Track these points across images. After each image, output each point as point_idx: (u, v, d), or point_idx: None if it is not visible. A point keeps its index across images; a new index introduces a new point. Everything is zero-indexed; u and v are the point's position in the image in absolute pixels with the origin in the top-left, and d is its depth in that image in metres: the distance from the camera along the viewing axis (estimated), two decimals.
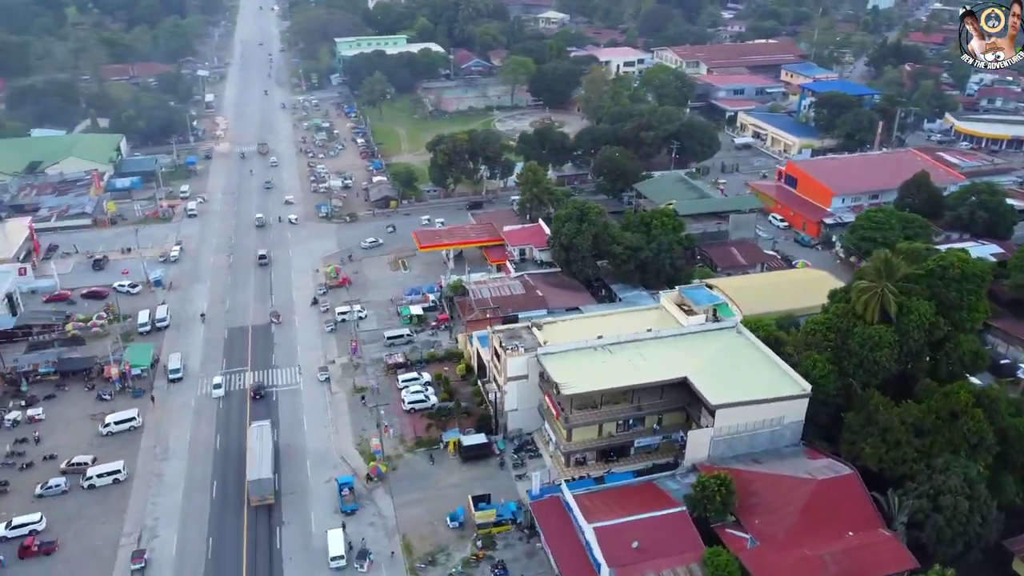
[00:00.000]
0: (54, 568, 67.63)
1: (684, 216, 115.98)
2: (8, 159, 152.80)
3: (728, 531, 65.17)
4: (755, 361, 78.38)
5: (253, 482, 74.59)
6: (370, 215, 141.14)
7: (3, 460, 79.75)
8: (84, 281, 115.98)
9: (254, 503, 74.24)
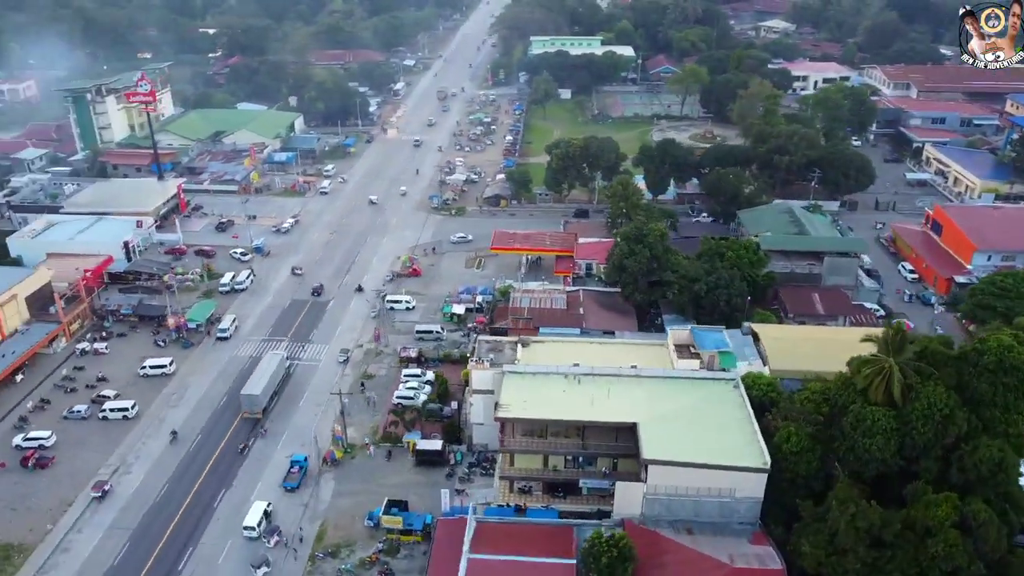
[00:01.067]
0: (38, 480, 77.72)
1: (771, 251, 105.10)
2: (201, 127, 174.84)
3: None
4: (729, 422, 69.40)
5: (245, 395, 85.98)
6: (477, 211, 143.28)
7: (56, 382, 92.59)
8: (206, 240, 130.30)
9: (245, 415, 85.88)
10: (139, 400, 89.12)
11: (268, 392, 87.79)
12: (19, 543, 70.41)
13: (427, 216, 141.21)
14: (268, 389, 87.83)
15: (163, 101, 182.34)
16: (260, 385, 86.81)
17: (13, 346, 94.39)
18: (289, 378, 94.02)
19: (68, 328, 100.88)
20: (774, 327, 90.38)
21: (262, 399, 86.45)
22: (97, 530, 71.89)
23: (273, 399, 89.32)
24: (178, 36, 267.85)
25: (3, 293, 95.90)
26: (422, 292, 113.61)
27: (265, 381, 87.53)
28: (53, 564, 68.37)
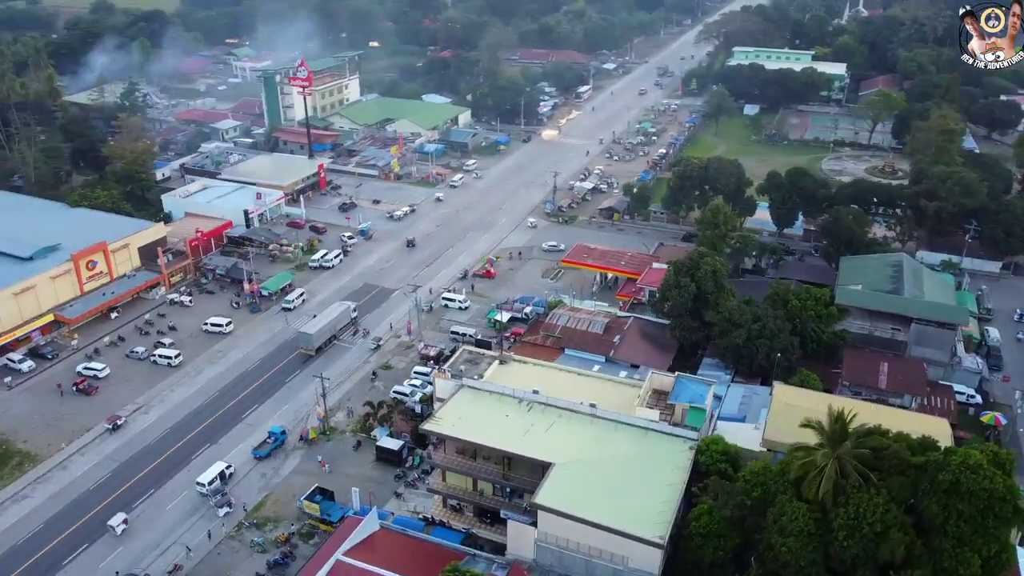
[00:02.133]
0: (78, 404, 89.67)
1: (849, 306, 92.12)
2: (373, 113, 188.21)
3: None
4: (658, 485, 62.60)
5: (301, 333, 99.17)
6: (585, 221, 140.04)
7: (138, 324, 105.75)
8: (329, 218, 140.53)
9: (300, 351, 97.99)
10: (191, 353, 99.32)
11: (324, 335, 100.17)
12: (35, 454, 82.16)
13: (537, 220, 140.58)
14: (324, 332, 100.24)
15: (350, 87, 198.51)
16: (317, 327, 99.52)
17: (115, 287, 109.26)
18: (354, 324, 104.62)
19: (169, 279, 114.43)
20: (800, 392, 79.17)
21: (316, 339, 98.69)
22: (95, 457, 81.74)
23: (331, 342, 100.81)
24: (406, 28, 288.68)
25: (118, 241, 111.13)
26: (486, 295, 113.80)
27: (323, 324, 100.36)
28: (47, 478, 78.97)
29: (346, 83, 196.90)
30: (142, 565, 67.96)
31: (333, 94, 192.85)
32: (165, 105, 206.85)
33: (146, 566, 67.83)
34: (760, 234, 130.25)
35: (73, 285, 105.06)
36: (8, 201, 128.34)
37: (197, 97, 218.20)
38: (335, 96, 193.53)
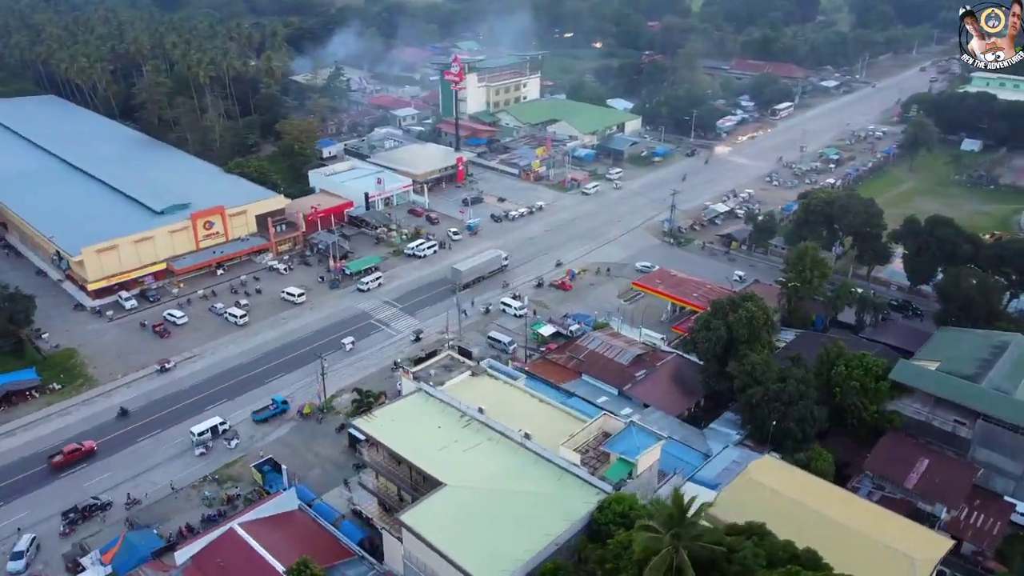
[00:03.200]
0: (151, 344, 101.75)
1: (907, 384, 77.96)
2: (539, 113, 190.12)
3: None
4: (533, 532, 58.10)
5: (452, 268, 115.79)
6: (699, 246, 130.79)
7: (233, 284, 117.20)
8: (452, 211, 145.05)
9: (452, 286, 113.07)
10: (259, 315, 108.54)
11: (472, 274, 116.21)
12: (96, 379, 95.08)
13: (650, 238, 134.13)
14: (472, 272, 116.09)
15: (528, 85, 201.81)
16: (468, 265, 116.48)
17: (227, 248, 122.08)
18: (503, 270, 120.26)
19: (276, 247, 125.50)
20: (783, 470, 68.87)
21: (465, 276, 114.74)
22: (135, 392, 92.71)
23: (478, 281, 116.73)
24: (627, 30, 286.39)
25: (238, 207, 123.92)
26: (552, 307, 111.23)
27: (473, 264, 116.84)
28: (91, 399, 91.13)
29: (525, 81, 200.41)
30: (112, 492, 76.22)
31: (510, 91, 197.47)
32: (368, 90, 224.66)
33: (112, 493, 75.98)
34: (889, 287, 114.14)
35: (189, 240, 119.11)
36: (173, 160, 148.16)
37: (408, 85, 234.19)
38: (511, 93, 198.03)
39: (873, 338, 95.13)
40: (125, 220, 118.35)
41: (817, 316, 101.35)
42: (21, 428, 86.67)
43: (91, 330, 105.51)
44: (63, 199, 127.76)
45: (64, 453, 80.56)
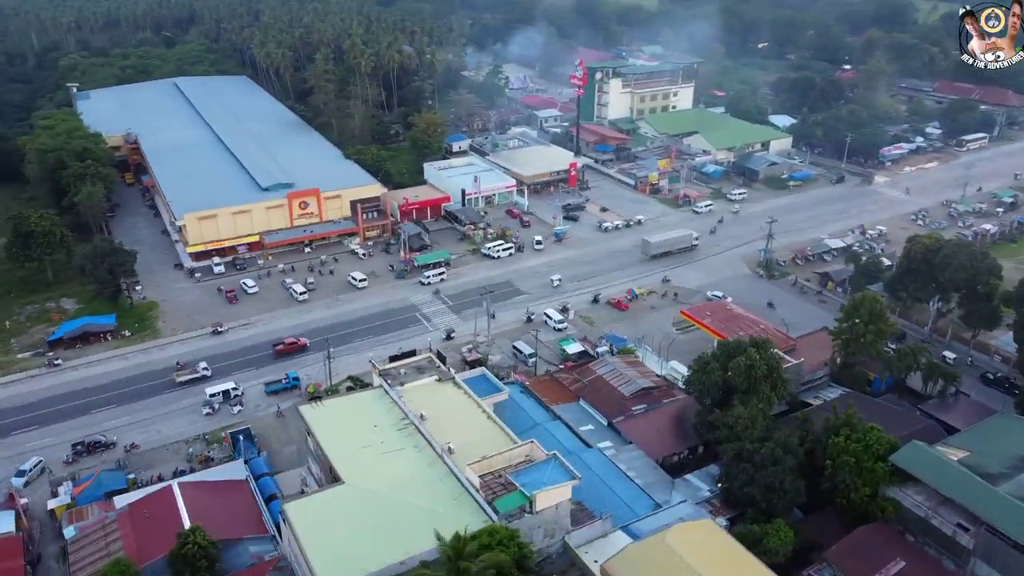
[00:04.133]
0: (219, 308, 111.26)
1: (908, 471, 66.74)
2: (678, 124, 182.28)
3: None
4: (390, 548, 57.19)
5: (643, 240, 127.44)
6: (792, 282, 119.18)
7: (312, 263, 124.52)
8: (548, 213, 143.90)
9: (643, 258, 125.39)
10: (320, 295, 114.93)
11: (661, 247, 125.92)
12: (160, 331, 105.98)
13: (741, 267, 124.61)
14: (661, 246, 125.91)
15: (679, 94, 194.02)
16: (657, 239, 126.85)
17: (318, 228, 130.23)
18: (692, 248, 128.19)
19: (364, 233, 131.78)
20: (707, 533, 61.39)
21: (653, 248, 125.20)
22: (187, 348, 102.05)
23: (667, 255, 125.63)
24: (828, 42, 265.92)
25: (333, 190, 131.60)
26: (599, 325, 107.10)
27: (663, 238, 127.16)
28: (148, 349, 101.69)
29: (675, 90, 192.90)
30: (122, 433, 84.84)
31: (657, 99, 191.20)
32: (529, 89, 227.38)
33: (123, 434, 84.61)
34: (992, 356, 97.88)
35: (284, 217, 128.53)
36: (306, 143, 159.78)
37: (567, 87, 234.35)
38: (659, 101, 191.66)
39: (932, 413, 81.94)
40: (233, 192, 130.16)
41: (876, 377, 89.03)
42: (84, 365, 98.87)
43: (178, 288, 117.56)
44: (197, 169, 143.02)
45: (285, 343, 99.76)
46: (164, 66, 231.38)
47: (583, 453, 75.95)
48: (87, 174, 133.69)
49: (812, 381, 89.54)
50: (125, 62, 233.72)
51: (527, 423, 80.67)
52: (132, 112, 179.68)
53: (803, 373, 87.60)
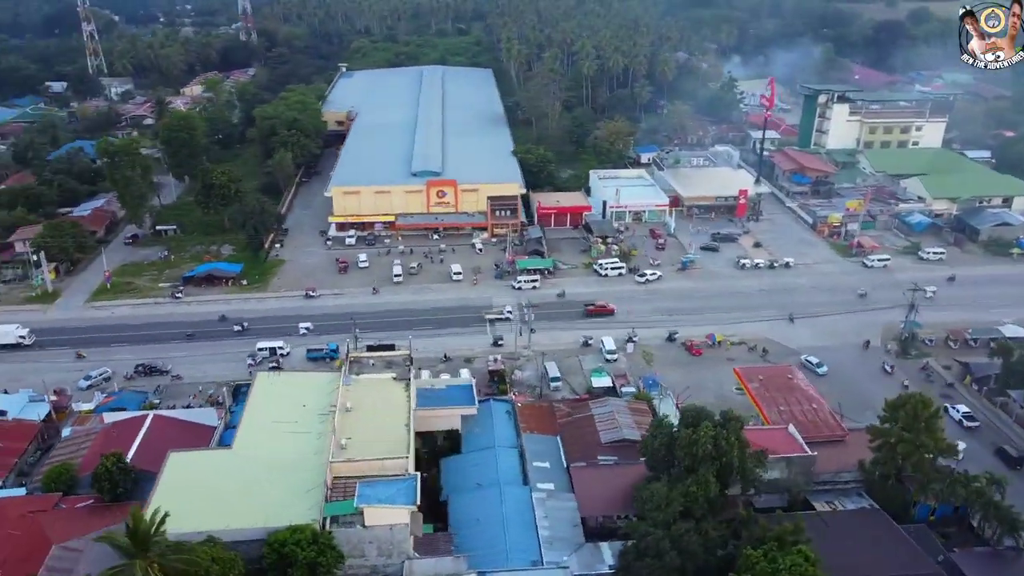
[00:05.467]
0: (328, 275, 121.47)
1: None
2: (904, 164, 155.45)
3: None
4: (225, 517, 59.77)
5: None
6: (920, 364, 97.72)
7: (429, 251, 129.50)
8: (699, 240, 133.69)
9: None
10: (416, 280, 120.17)
11: None
12: (270, 286, 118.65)
13: (874, 336, 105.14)
14: None
15: (924, 130, 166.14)
16: None
17: (449, 217, 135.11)
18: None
19: (492, 229, 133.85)
20: None
21: None
22: (279, 304, 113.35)
23: None
24: None
25: (471, 184, 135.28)
26: (659, 366, 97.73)
27: None
28: (249, 299, 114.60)
29: (919, 124, 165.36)
30: (174, 365, 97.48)
31: (892, 132, 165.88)
32: (777, 107, 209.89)
33: (173, 364, 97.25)
34: None
35: (421, 203, 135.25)
36: (490, 136, 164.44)
37: None
38: (895, 135, 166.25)
39: (959, 564, 63.61)
40: (388, 173, 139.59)
41: (922, 504, 71.01)
42: (196, 302, 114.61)
43: (307, 252, 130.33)
44: (376, 147, 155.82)
45: (596, 305, 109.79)
46: (431, 54, 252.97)
47: (510, 487, 71.68)
48: (289, 141, 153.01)
49: (835, 483, 73.97)
50: (402, 48, 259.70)
51: (482, 443, 78.16)
52: (372, 92, 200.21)
53: (815, 471, 72.74)
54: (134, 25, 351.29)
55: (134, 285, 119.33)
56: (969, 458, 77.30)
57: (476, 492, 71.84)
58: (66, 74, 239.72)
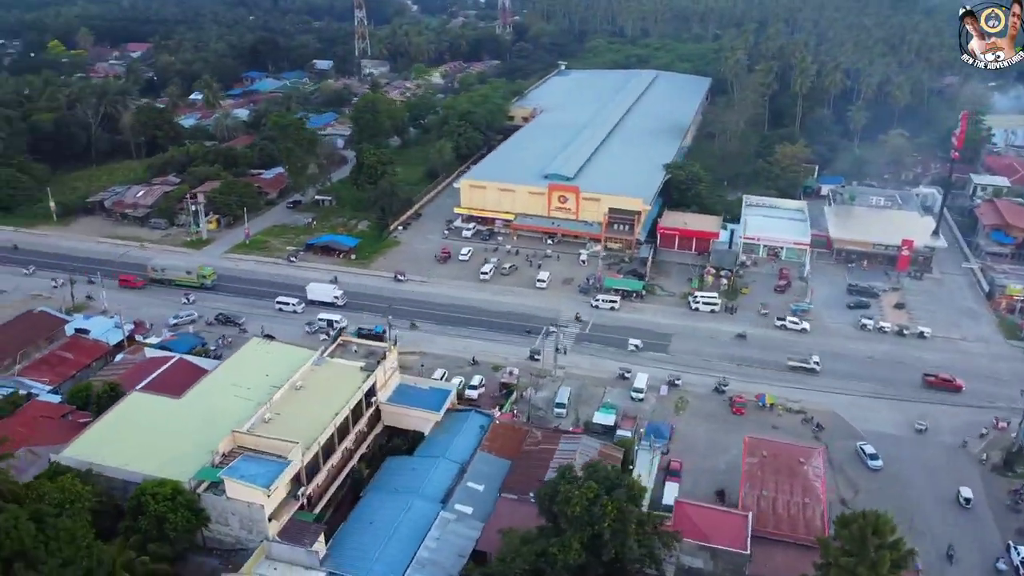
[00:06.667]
0: (427, 263, 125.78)
1: None
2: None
3: None
4: (138, 461, 66.26)
5: None
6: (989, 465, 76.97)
7: (531, 255, 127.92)
8: (828, 292, 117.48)
9: None
10: (500, 282, 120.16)
11: None
12: (369, 266, 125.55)
13: (972, 440, 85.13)
14: None
15: None
16: None
17: (565, 224, 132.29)
18: None
19: (605, 242, 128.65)
20: None
21: None
22: (371, 283, 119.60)
23: None
24: None
25: (593, 193, 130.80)
26: (686, 416, 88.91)
27: None
28: (343, 273, 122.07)
29: None
30: (248, 320, 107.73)
31: None
32: (1001, 148, 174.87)
33: (248, 319, 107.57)
34: None
35: (542, 205, 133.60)
36: (657, 143, 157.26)
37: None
38: None
39: None
40: (522, 171, 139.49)
41: None
42: (304, 267, 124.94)
43: (426, 238, 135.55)
44: (532, 145, 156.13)
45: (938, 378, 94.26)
46: (662, 58, 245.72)
47: (422, 501, 70.32)
48: (454, 132, 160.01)
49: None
50: (634, 50, 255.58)
51: (434, 451, 77.49)
52: (573, 92, 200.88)
53: (750, 571, 61.63)
54: (430, 13, 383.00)
55: (268, 244, 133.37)
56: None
57: (389, 496, 71.41)
58: (334, 53, 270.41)
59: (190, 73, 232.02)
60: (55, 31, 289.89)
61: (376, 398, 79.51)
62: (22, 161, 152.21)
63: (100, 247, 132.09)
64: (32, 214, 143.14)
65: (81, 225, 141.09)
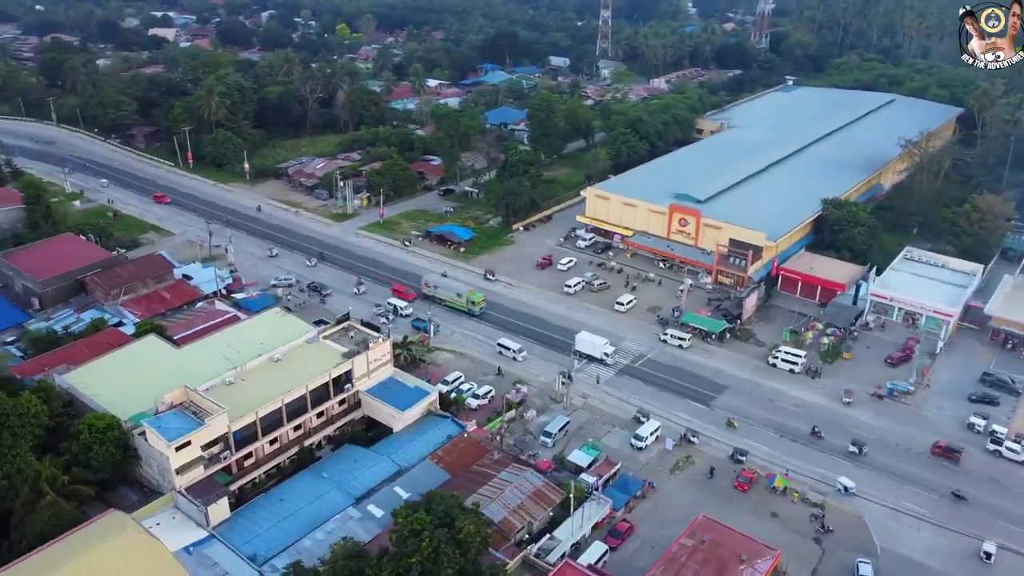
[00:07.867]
0: (524, 267, 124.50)
1: None
2: None
3: None
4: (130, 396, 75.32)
5: None
6: None
7: (629, 278, 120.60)
8: (961, 374, 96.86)
9: None
10: (587, 298, 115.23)
11: None
12: (471, 259, 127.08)
13: None
14: None
15: None
16: None
17: (678, 249, 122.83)
18: None
19: (717, 274, 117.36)
20: None
21: None
22: (468, 277, 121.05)
23: None
24: None
25: (715, 220, 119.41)
26: (680, 477, 79.54)
27: None
28: (442, 264, 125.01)
29: None
30: (332, 291, 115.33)
31: None
32: None
33: (332, 291, 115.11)
34: None
35: (662, 225, 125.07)
36: (837, 174, 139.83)
37: None
38: None
39: None
40: (658, 188, 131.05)
41: None
42: (417, 255, 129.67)
43: (539, 242, 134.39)
44: (687, 162, 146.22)
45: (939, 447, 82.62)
46: (916, 81, 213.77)
47: (338, 493, 72.31)
48: (617, 139, 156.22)
49: None
50: (888, 71, 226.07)
51: (387, 448, 78.86)
52: (784, 110, 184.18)
53: None
54: (703, 17, 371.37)
55: (399, 227, 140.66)
56: None
57: (315, 480, 73.56)
58: (575, 51, 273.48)
59: (430, 60, 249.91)
60: (346, 15, 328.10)
61: (351, 385, 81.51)
62: (244, 125, 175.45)
63: (265, 208, 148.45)
64: (233, 172, 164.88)
65: (264, 187, 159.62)
